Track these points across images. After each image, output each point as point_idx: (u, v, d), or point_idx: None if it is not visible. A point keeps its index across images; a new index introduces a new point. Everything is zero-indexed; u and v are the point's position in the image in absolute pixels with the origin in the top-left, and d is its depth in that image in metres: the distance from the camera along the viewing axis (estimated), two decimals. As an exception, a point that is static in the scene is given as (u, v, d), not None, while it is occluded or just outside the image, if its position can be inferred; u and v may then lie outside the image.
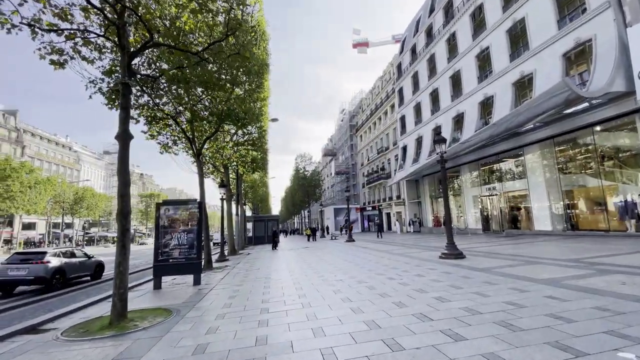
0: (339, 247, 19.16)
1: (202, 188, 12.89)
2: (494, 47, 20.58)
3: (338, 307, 5.28)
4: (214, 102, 10.82)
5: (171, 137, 13.13)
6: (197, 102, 11.30)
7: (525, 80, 18.59)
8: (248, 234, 32.14)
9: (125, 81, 6.06)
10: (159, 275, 8.68)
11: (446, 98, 25.80)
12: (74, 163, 73.49)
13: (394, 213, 37.08)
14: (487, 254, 10.89)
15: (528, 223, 19.51)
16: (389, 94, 39.46)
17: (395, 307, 4.98)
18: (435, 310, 4.67)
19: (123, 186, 5.75)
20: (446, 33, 25.82)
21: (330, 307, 5.31)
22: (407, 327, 4.04)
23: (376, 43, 65.92)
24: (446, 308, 4.76)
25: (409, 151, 31.50)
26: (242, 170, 21.32)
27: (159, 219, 8.77)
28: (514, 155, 20.46)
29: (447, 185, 11.25)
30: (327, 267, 10.33)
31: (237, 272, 10.96)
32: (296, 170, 47.32)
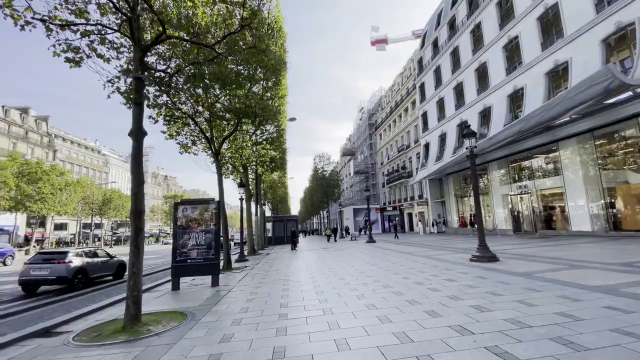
0: (360, 248, 18.60)
1: (220, 187, 12.74)
2: (523, 36, 19.37)
3: (363, 315, 4.80)
4: (232, 100, 10.60)
5: (190, 137, 13.11)
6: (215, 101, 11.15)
7: (559, 69, 17.33)
8: (267, 234, 32.14)
9: (139, 76, 5.86)
10: (178, 276, 8.51)
11: (471, 92, 24.64)
12: (102, 166, 76.64)
13: (416, 213, 35.98)
14: (523, 256, 10.05)
15: (564, 223, 18.17)
16: (409, 90, 38.38)
17: (428, 317, 4.45)
18: (474, 322, 4.10)
19: (136, 184, 5.54)
20: (470, 24, 24.67)
21: (354, 314, 4.85)
22: (444, 342, 3.51)
23: (395, 39, 64.69)
24: (487, 319, 4.18)
25: (432, 149, 30.42)
26: (261, 170, 21.20)
27: (177, 219, 8.61)
28: (548, 151, 19.15)
29: (477, 182, 10.47)
30: (348, 269, 9.85)
31: (256, 273, 10.68)
32: (315, 171, 47.05)
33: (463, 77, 25.76)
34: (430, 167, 29.06)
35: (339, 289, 6.76)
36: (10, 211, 33.46)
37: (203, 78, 8.46)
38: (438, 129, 29.60)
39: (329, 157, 45.42)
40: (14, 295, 9.14)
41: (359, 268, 9.85)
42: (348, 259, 12.84)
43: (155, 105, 9.58)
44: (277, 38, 14.12)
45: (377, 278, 7.82)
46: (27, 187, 32.53)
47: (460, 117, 25.90)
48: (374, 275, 8.26)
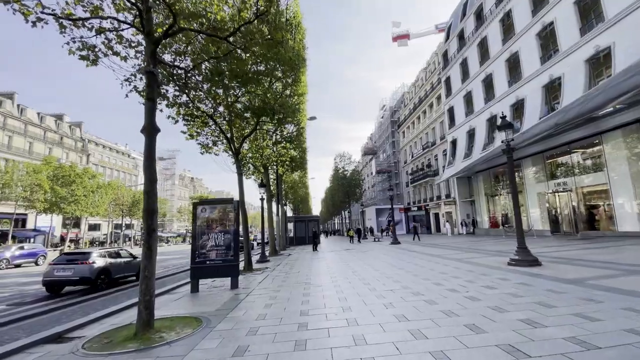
0: (384, 250, 17.88)
1: (241, 187, 12.52)
2: (559, 22, 17.91)
3: (392, 327, 4.25)
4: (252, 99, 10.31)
5: (211, 138, 13.00)
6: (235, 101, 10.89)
7: (600, 56, 15.82)
8: (289, 234, 31.96)
9: (150, 70, 5.61)
10: (196, 277, 8.28)
11: (502, 84, 23.21)
12: (132, 169, 79.84)
13: (442, 213, 34.58)
14: (568, 260, 9.05)
15: (608, 223, 16.60)
16: (434, 85, 36.99)
17: (470, 333, 3.83)
18: (528, 341, 3.45)
19: (149, 182, 5.29)
20: (499, 12, 23.26)
21: (382, 327, 4.30)
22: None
23: (417, 34, 62.77)
24: (543, 337, 3.52)
25: (459, 145, 29.04)
26: (281, 170, 20.97)
27: (196, 219, 8.40)
28: (589, 145, 17.60)
29: (515, 178, 9.57)
30: (373, 272, 9.26)
31: (277, 274, 10.32)
32: (335, 170, 46.45)
33: (492, 69, 24.34)
34: (458, 164, 27.73)
35: (364, 296, 6.22)
36: (46, 212, 35.31)
37: (220, 75, 8.18)
38: (466, 124, 28.20)
39: (350, 157, 44.65)
40: (38, 296, 9.29)
41: (385, 272, 9.24)
42: (372, 262, 12.23)
43: (174, 104, 9.46)
44: (296, 33, 13.75)
45: (405, 283, 7.20)
46: (61, 189, 34.18)
47: (490, 110, 24.48)
48: (402, 280, 7.63)
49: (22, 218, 40.90)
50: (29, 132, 46.03)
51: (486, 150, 23.65)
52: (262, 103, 9.41)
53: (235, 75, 8.96)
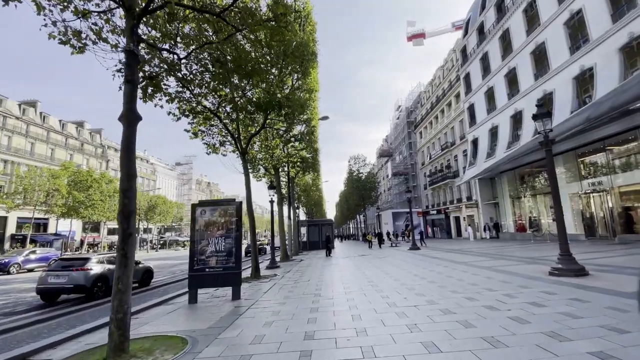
0: (402, 256, 16.72)
1: (248, 188, 11.77)
2: (588, 10, 16.43)
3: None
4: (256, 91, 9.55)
5: (218, 137, 12.36)
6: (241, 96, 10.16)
7: (633, 45, 14.28)
8: (302, 239, 31.11)
9: (130, 49, 4.89)
10: (195, 287, 7.51)
11: (527, 78, 21.69)
12: (151, 174, 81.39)
13: (464, 217, 32.87)
14: (618, 268, 7.76)
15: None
16: (452, 82, 35.50)
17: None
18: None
19: (126, 179, 4.53)
20: (522, 2, 21.84)
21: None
22: None
23: (433, 33, 61.37)
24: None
25: (481, 145, 27.47)
26: (293, 172, 20.19)
27: (195, 222, 7.65)
28: (626, 140, 15.96)
29: (555, 175, 8.36)
30: (392, 283, 8.23)
31: (285, 283, 9.44)
32: (350, 173, 45.43)
33: (516, 62, 22.84)
34: (480, 165, 26.17)
35: (382, 313, 5.24)
36: (64, 217, 35.86)
37: (220, 63, 7.44)
38: (488, 122, 26.66)
39: (365, 159, 43.58)
40: (32, 304, 8.76)
41: (406, 282, 8.19)
42: (390, 269, 11.17)
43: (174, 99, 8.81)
44: (306, 25, 12.99)
45: (430, 297, 6.16)
46: (78, 194, 34.65)
47: (515, 107, 22.94)
48: (426, 293, 6.59)
49: (43, 222, 41.91)
50: (51, 139, 47.39)
51: (511, 149, 22.11)
52: (267, 95, 8.62)
53: (239, 65, 8.22)
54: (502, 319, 4.41)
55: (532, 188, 23.83)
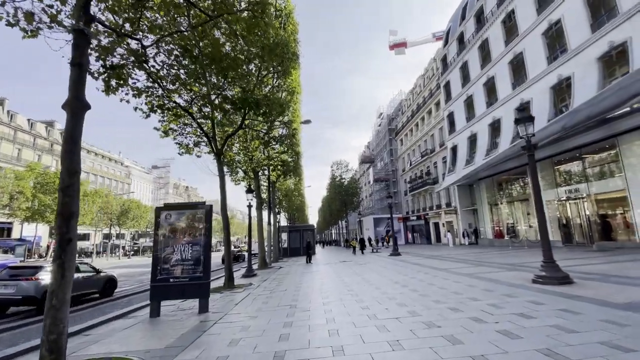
0: (383, 262, 16.39)
1: (223, 192, 11.10)
2: (567, 20, 16.94)
3: (405, 389, 2.81)
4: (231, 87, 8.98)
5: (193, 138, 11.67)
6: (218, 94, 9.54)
7: (614, 52, 14.77)
8: (283, 245, 30.36)
9: (80, 27, 4.28)
10: (157, 299, 6.79)
11: (505, 87, 22.18)
12: (125, 177, 78.16)
13: (443, 223, 33.15)
14: (602, 277, 7.66)
15: (627, 233, 15.27)
16: (432, 91, 36.08)
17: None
18: None
19: (67, 175, 3.88)
20: (501, 13, 22.40)
21: (390, 387, 2.86)
22: None
23: (415, 42, 62.59)
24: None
25: (460, 152, 27.85)
26: (274, 175, 19.59)
27: (159, 227, 6.96)
28: (603, 148, 16.42)
29: (537, 180, 8.26)
30: (373, 292, 7.80)
31: (260, 293, 8.82)
32: (332, 179, 45.22)
33: (495, 71, 23.35)
34: (460, 171, 26.47)
35: (362, 327, 4.77)
36: (28, 221, 33.53)
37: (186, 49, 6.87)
38: (467, 129, 27.09)
39: (347, 164, 43.53)
40: (-29, 318, 7.74)
41: (387, 291, 7.77)
42: (371, 277, 10.76)
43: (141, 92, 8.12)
44: (287, 24, 12.59)
45: (412, 308, 5.76)
46: (44, 197, 32.51)
47: (493, 115, 23.39)
48: (408, 303, 6.18)
49: (7, 227, 39.06)
50: (18, 139, 44.53)
51: (489, 156, 22.46)
52: (243, 92, 8.07)
53: (213, 59, 7.67)
54: (491, 334, 4.04)
55: (510, 195, 24.28)
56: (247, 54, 8.08)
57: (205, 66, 8.29)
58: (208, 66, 8.20)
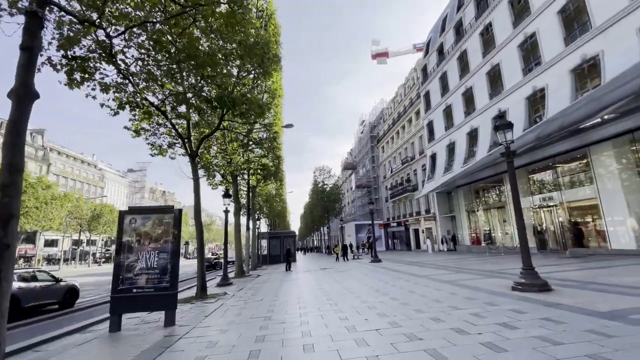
0: (364, 270, 16.16)
1: (197, 196, 10.55)
2: (542, 33, 17.60)
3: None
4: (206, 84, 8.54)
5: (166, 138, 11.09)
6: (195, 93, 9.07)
7: (587, 65, 15.40)
8: (263, 252, 29.65)
9: (32, 9, 3.84)
10: (118, 312, 6.20)
11: (483, 97, 22.77)
12: (99, 181, 74.77)
13: (422, 229, 33.47)
14: (580, 284, 7.70)
15: (599, 240, 15.80)
16: (413, 100, 36.72)
17: None
18: None
19: (8, 171, 3.39)
20: (479, 26, 23.10)
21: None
22: None
23: (396, 52, 63.87)
24: None
25: (439, 159, 28.32)
26: (254, 179, 19.06)
27: (123, 233, 6.40)
28: (576, 158, 17.03)
29: (517, 186, 8.29)
30: (353, 301, 7.49)
31: (233, 304, 8.32)
32: (315, 184, 44.95)
33: (473, 82, 23.97)
34: (438, 179, 26.87)
35: (340, 341, 4.44)
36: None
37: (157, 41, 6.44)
38: (445, 138, 27.60)
39: (330, 170, 43.41)
40: None
41: (367, 300, 7.49)
42: (351, 285, 10.46)
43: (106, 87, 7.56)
44: (268, 25, 12.31)
45: (393, 318, 5.49)
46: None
47: (471, 124, 23.93)
48: (388, 313, 5.91)
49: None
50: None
51: (467, 164, 22.90)
52: (219, 89, 7.66)
53: (188, 55, 7.24)
54: (476, 347, 3.81)
55: (486, 202, 24.80)
56: (225, 51, 7.70)
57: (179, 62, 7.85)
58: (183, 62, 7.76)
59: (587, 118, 14.52)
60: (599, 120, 14.87)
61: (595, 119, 14.71)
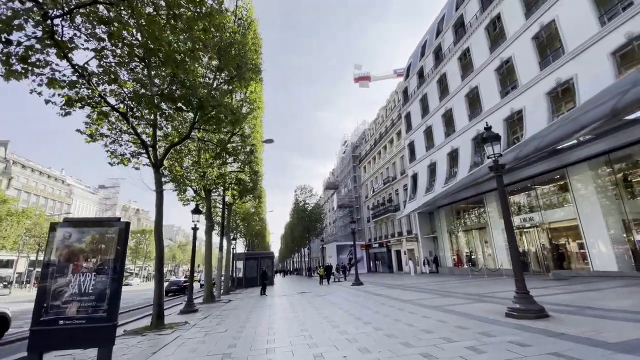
0: (344, 294, 15.12)
1: (160, 210, 9.42)
2: (518, 58, 18.10)
3: None
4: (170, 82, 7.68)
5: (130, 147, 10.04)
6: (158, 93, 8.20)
7: (559, 90, 15.77)
8: (239, 274, 27.90)
9: None
10: (39, 349, 4.95)
11: (462, 118, 23.05)
12: (65, 197, 70.41)
13: (404, 250, 32.83)
14: (576, 309, 7.09)
15: (581, 262, 15.61)
16: (394, 121, 37.13)
17: None
18: None
19: None
20: (458, 50, 23.77)
21: None
22: None
23: (378, 77, 65.65)
24: None
25: (420, 179, 28.22)
26: (229, 195, 17.94)
27: (51, 250, 5.26)
28: (554, 179, 17.13)
29: (507, 203, 7.76)
30: (330, 332, 6.52)
31: (191, 336, 7.12)
32: (296, 203, 43.87)
33: (452, 104, 24.34)
34: (420, 199, 26.60)
35: (311, 389, 3.49)
36: None
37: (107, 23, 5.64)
38: (427, 158, 27.65)
39: (311, 189, 42.63)
40: None
41: (347, 330, 6.53)
42: (330, 312, 9.44)
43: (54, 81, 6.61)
44: (248, 32, 11.79)
45: (377, 355, 4.59)
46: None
47: (451, 144, 24.07)
48: (372, 348, 5.00)
49: None
50: None
51: (448, 184, 22.78)
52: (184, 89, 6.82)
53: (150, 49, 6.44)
54: (482, 396, 2.98)
55: (468, 223, 24.60)
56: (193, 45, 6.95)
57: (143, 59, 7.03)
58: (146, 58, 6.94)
59: (563, 140, 14.69)
60: (575, 142, 15.08)
61: (571, 141, 14.90)
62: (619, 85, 10.93)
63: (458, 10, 24.42)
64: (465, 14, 23.29)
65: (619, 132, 13.18)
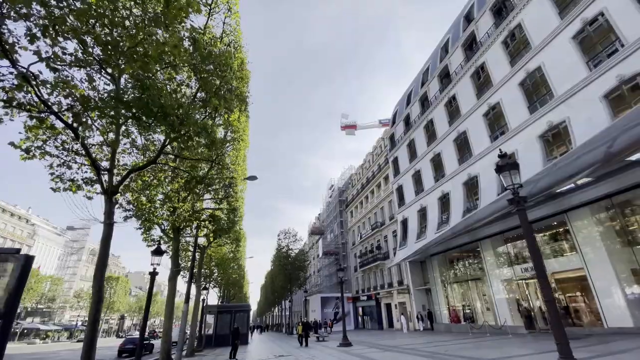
0: (330, 358, 12.74)
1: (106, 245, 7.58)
2: (506, 103, 18.20)
3: None
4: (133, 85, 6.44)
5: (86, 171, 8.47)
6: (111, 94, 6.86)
7: (550, 134, 15.56)
8: (209, 330, 24.45)
9: None
10: None
11: (452, 162, 22.63)
12: (27, 238, 64.72)
13: (395, 304, 30.25)
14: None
15: (593, 317, 14.05)
16: (381, 166, 36.85)
17: None
18: None
19: None
20: (444, 97, 24.21)
21: None
22: None
23: (364, 126, 67.75)
24: None
25: (411, 225, 26.91)
26: (201, 235, 15.95)
27: None
28: (553, 225, 16.20)
29: (536, 246, 6.45)
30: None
31: None
32: (278, 249, 41.13)
33: (441, 148, 24.12)
34: (411, 246, 25.04)
35: None
36: None
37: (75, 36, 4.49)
38: (416, 202, 26.69)
39: (296, 234, 40.29)
40: None
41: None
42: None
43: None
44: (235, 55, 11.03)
45: None
46: None
47: (442, 189, 23.32)
48: None
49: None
50: None
51: (440, 231, 21.55)
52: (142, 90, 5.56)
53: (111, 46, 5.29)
54: None
55: (463, 273, 22.94)
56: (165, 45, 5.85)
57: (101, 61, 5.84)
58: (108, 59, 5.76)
59: (559, 183, 14.07)
60: (573, 186, 14.46)
61: (568, 185, 14.28)
62: (612, 129, 10.56)
63: (442, 62, 25.41)
64: (450, 64, 24.17)
65: (621, 175, 12.61)
